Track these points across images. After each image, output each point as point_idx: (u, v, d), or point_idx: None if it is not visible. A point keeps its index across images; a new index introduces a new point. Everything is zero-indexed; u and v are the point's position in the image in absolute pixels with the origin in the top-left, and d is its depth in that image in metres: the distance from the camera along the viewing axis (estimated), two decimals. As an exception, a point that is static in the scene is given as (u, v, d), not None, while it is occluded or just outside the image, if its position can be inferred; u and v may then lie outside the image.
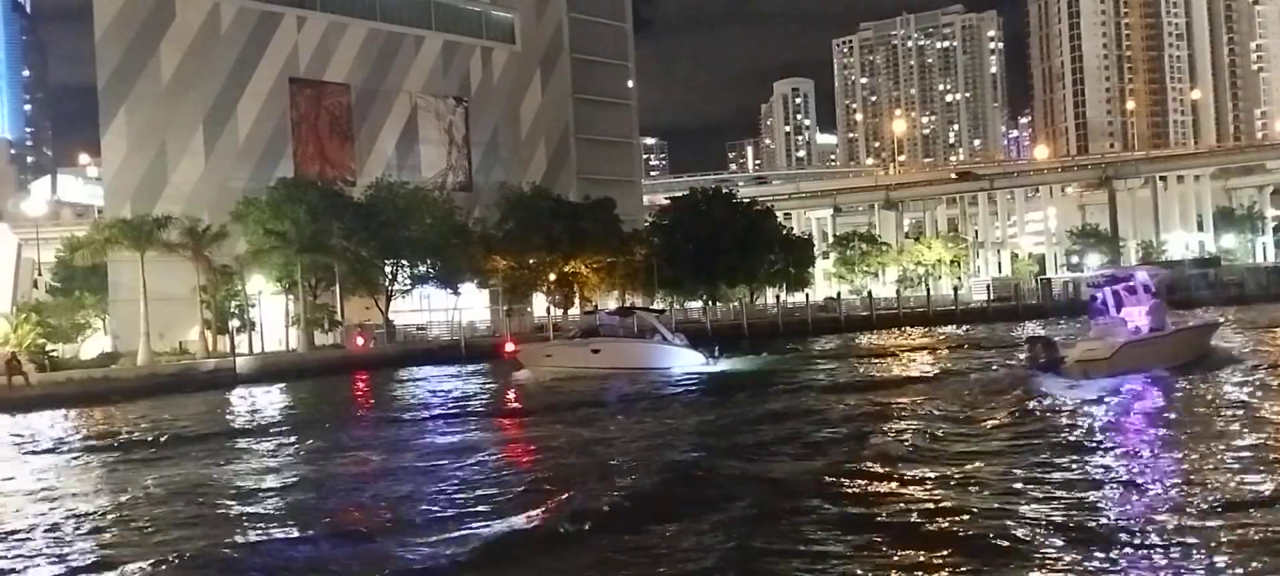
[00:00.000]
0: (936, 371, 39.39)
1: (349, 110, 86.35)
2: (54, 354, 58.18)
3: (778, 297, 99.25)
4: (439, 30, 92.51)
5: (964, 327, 78.64)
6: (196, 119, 77.23)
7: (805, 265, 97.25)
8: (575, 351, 46.67)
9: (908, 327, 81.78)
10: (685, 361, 45.29)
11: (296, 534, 15.94)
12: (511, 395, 39.45)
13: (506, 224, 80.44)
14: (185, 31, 77.18)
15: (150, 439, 29.71)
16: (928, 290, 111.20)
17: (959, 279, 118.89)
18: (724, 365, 45.57)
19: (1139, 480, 16.69)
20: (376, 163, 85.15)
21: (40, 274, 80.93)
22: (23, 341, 55.29)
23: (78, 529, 17.24)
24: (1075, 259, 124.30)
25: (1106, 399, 26.59)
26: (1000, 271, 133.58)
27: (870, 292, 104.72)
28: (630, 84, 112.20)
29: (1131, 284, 35.01)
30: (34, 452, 28.65)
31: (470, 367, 56.06)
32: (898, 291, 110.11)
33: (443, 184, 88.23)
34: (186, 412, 38.13)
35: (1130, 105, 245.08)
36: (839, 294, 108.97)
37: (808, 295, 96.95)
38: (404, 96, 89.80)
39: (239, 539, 15.72)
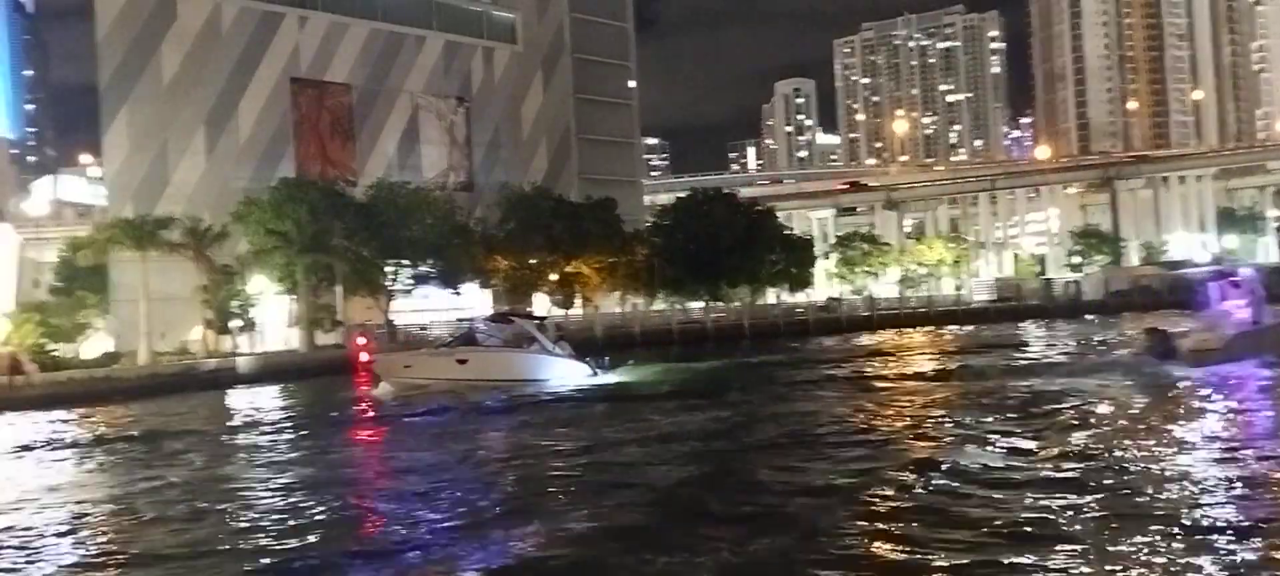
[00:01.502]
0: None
1: (350, 110, 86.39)
2: (55, 354, 58.18)
3: (779, 298, 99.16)
4: (440, 30, 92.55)
5: (968, 327, 78.60)
6: (198, 119, 77.26)
7: (806, 265, 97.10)
8: (438, 362, 42.56)
9: (909, 328, 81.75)
10: (566, 373, 41.39)
11: (291, 538, 15.94)
12: (360, 410, 36.52)
13: (508, 224, 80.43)
14: (187, 31, 77.23)
15: (147, 438, 29.76)
16: (929, 291, 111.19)
17: (961, 279, 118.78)
18: (615, 377, 42.26)
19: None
20: (378, 163, 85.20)
21: (42, 274, 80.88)
22: (24, 341, 55.31)
23: (75, 529, 17.25)
24: (1077, 259, 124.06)
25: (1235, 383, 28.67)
26: (1002, 272, 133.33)
27: (871, 293, 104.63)
28: (632, 84, 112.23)
29: (1236, 280, 37.73)
30: (34, 452, 28.69)
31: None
32: (899, 292, 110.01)
33: (444, 184, 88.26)
34: (186, 413, 38.17)
35: (1132, 106, 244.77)
36: (840, 294, 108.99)
37: (809, 295, 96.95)
38: (406, 96, 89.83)
39: (230, 542, 15.71)
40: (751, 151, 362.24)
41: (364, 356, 47.25)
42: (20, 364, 50.06)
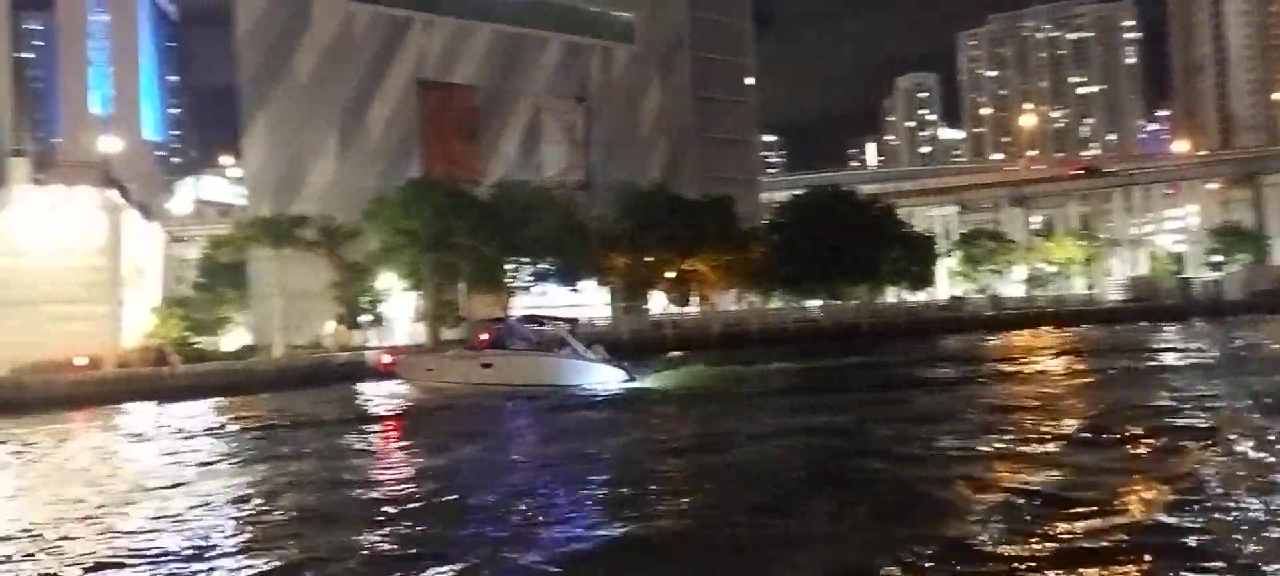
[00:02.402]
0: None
1: (474, 111, 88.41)
2: (198, 346, 61.21)
3: (899, 297, 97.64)
4: (560, 32, 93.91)
5: (1099, 328, 75.99)
6: (331, 121, 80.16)
7: (928, 263, 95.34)
8: (461, 365, 41.61)
9: (1037, 328, 79.48)
10: (599, 377, 39.95)
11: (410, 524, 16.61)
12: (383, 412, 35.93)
13: (625, 222, 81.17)
14: (321, 36, 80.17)
15: (282, 429, 31.20)
16: (1058, 290, 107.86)
17: (1092, 278, 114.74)
18: (651, 381, 40.89)
19: None
20: (500, 162, 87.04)
21: (186, 270, 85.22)
22: (169, 334, 58.38)
23: (207, 516, 18.31)
24: (1217, 257, 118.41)
25: None
26: (1136, 271, 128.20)
27: (996, 292, 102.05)
28: (750, 81, 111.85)
29: None
30: (178, 439, 30.40)
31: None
32: (1026, 291, 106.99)
33: (563, 183, 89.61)
34: (319, 404, 39.73)
35: (1277, 97, 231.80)
36: (964, 293, 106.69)
37: (931, 294, 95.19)
38: (527, 97, 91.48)
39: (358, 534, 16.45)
40: (871, 148, 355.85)
41: (386, 359, 45.72)
42: (166, 356, 52.91)
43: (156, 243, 77.29)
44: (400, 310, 72.25)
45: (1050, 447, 21.11)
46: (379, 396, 41.56)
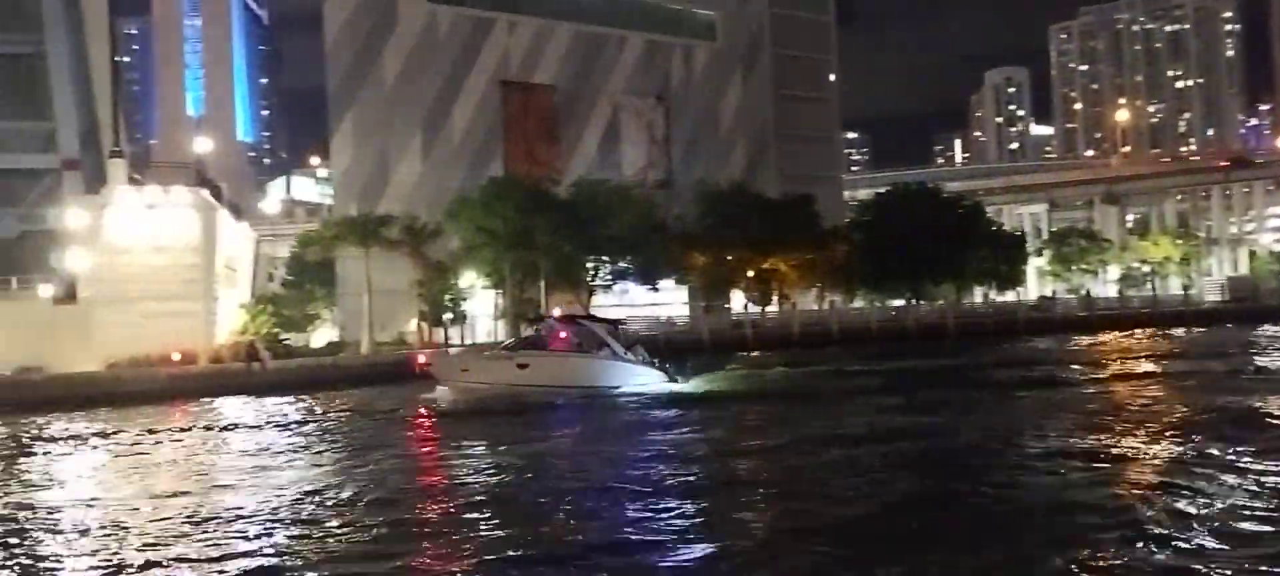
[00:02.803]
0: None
1: (555, 111, 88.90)
2: (287, 342, 62.47)
3: (986, 296, 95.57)
4: (641, 30, 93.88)
5: (1197, 330, 73.37)
6: (416, 121, 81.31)
7: (1017, 262, 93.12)
8: (497, 366, 40.99)
9: (1132, 330, 77.00)
10: (639, 379, 39.53)
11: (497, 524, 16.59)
12: (422, 414, 35.48)
13: (705, 220, 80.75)
14: (406, 38, 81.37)
15: (369, 424, 31.64)
16: (1154, 289, 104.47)
17: (1189, 278, 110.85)
18: (693, 385, 40.25)
19: None
20: (580, 161, 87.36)
21: (276, 268, 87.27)
22: (260, 331, 59.70)
23: (298, 503, 18.55)
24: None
25: None
26: (1235, 270, 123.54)
27: (1088, 292, 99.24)
28: (832, 78, 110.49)
29: None
30: (266, 431, 31.04)
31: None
32: (1120, 291, 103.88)
33: (643, 181, 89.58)
34: (404, 399, 40.20)
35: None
36: (1053, 293, 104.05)
37: (1020, 294, 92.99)
38: (607, 96, 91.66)
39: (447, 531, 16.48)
40: (958, 144, 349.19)
41: (422, 359, 44.78)
42: (257, 352, 54.11)
43: (247, 241, 79.15)
44: (482, 308, 72.98)
45: (1149, 457, 20.27)
46: (449, 397, 41.66)
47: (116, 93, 60.62)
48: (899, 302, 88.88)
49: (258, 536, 16.06)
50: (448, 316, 68.61)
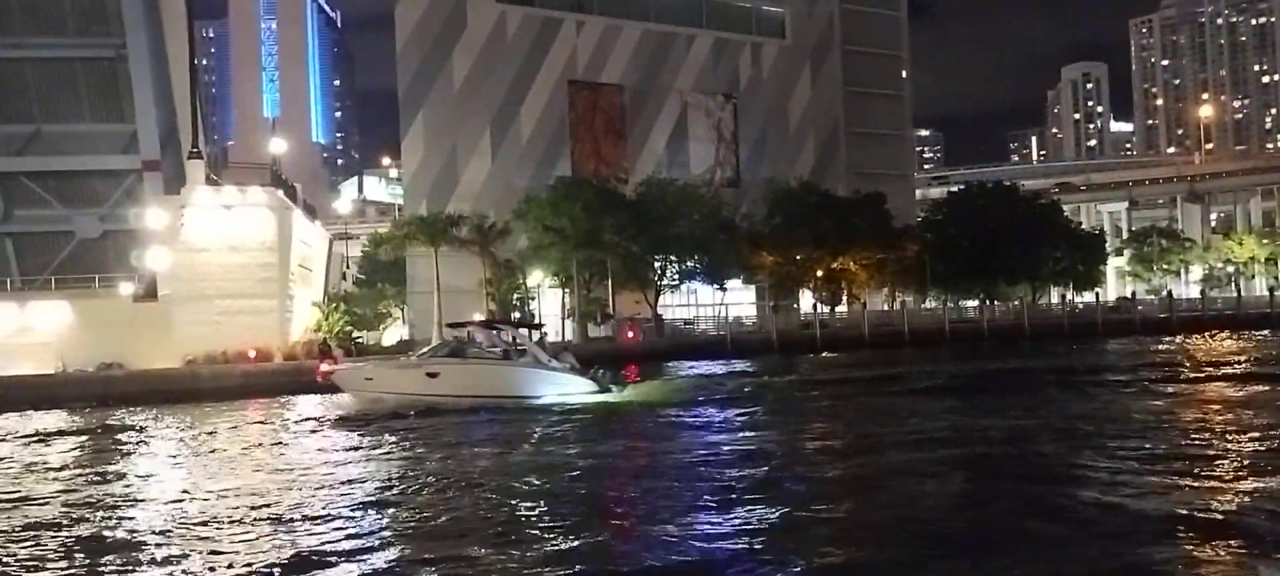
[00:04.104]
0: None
1: (623, 110, 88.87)
2: (359, 340, 63.34)
3: (1063, 297, 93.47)
4: (710, 28, 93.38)
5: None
6: (484, 121, 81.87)
7: (1095, 263, 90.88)
8: (405, 375, 38.00)
9: (1214, 332, 74.62)
10: (565, 388, 37.04)
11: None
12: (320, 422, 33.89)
13: (773, 219, 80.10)
14: (475, 39, 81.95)
15: (439, 422, 31.81)
16: (1238, 291, 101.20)
17: (1275, 279, 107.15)
18: (627, 394, 37.67)
19: None
20: (648, 160, 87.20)
21: (348, 267, 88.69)
22: (333, 328, 60.60)
23: (369, 504, 18.61)
24: None
25: None
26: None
27: (1169, 293, 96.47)
28: (904, 74, 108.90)
29: None
30: (337, 429, 31.37)
31: (737, 364, 56.24)
32: (1202, 292, 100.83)
33: (711, 180, 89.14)
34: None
35: None
36: (1133, 293, 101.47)
37: (1098, 295, 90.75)
38: (675, 95, 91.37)
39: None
40: (1034, 141, 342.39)
41: (324, 367, 40.82)
42: (329, 349, 54.88)
43: (321, 241, 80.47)
44: (550, 307, 73.26)
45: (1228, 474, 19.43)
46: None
47: (195, 95, 61.90)
48: (973, 304, 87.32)
49: (324, 531, 16.11)
50: (515, 315, 68.99)
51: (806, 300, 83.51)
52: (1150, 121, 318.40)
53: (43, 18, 56.46)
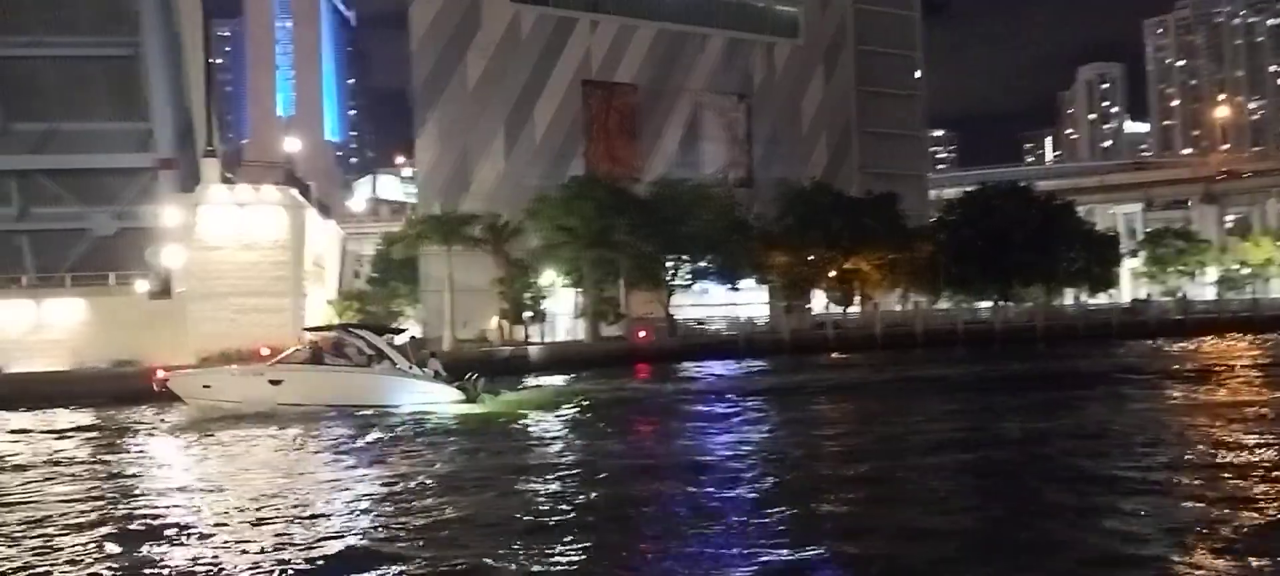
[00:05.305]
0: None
1: (636, 109, 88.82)
2: (371, 338, 63.46)
3: (1077, 298, 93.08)
4: (723, 28, 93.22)
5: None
6: (498, 121, 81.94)
7: (1110, 264, 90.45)
8: (244, 382, 36.40)
9: (1229, 334, 74.14)
10: (425, 396, 35.47)
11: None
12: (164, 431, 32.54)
13: (785, 219, 79.96)
14: (489, 38, 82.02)
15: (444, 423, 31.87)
16: (1254, 293, 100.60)
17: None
18: (494, 404, 36.17)
19: None
20: (660, 160, 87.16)
21: (361, 265, 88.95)
22: (346, 326, 60.76)
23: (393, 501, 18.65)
24: None
25: None
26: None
27: (1184, 294, 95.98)
28: (917, 74, 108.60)
29: None
30: (347, 425, 31.45)
31: (753, 364, 56.21)
32: (1218, 293, 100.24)
33: (724, 180, 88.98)
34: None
35: None
36: (1148, 295, 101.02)
37: (1112, 296, 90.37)
38: (688, 95, 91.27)
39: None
40: (1048, 142, 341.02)
41: (161, 374, 38.47)
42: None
43: (335, 239, 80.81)
44: (562, 306, 73.34)
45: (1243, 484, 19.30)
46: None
47: (210, 93, 62.19)
48: (986, 305, 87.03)
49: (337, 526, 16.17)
50: (528, 314, 69.14)
51: (820, 300, 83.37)
52: (1166, 122, 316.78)
53: (60, 17, 56.77)
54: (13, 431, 33.27)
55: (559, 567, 13.86)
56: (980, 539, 14.88)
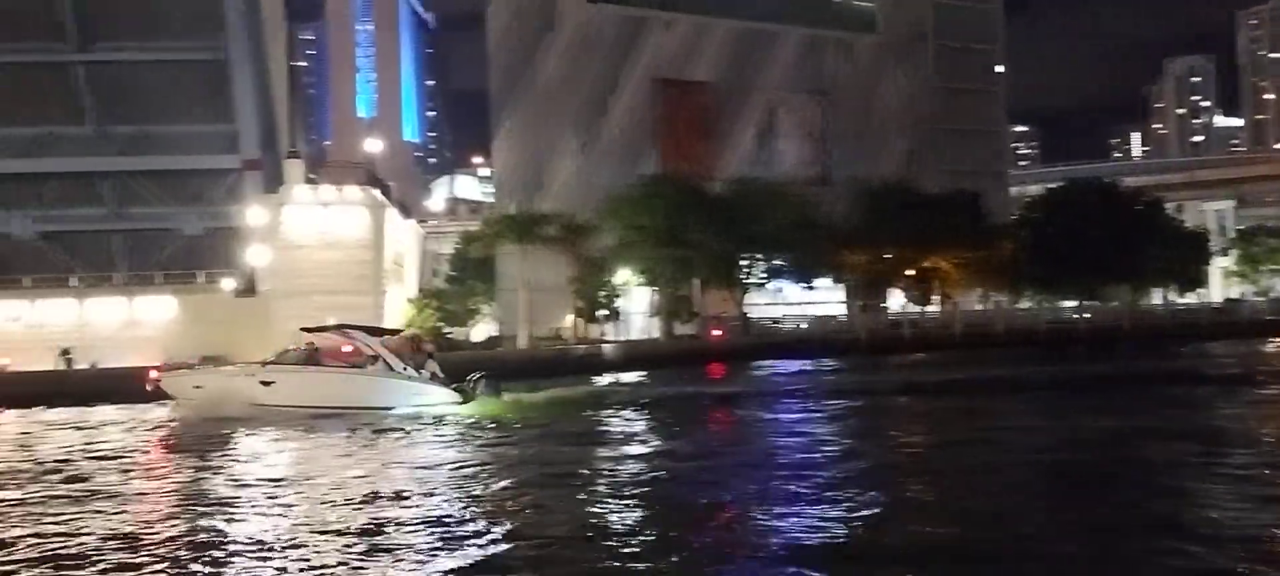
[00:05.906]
0: None
1: (710, 108, 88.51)
2: (449, 336, 64.39)
3: (1166, 298, 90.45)
4: (799, 24, 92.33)
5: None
6: (573, 120, 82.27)
7: (1199, 262, 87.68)
8: (236, 383, 35.47)
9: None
10: (421, 399, 34.75)
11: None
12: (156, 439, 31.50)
13: (862, 217, 78.91)
14: (565, 38, 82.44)
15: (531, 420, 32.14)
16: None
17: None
18: (495, 406, 34.92)
19: None
20: (735, 158, 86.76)
21: (439, 264, 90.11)
22: (424, 324, 61.71)
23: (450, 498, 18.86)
24: None
25: None
26: None
27: (1278, 294, 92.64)
28: (999, 69, 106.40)
29: None
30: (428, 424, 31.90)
31: (827, 363, 55.66)
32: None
33: (799, 178, 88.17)
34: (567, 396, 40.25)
35: None
36: (1240, 294, 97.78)
37: (1201, 296, 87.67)
38: (763, 93, 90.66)
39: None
40: (1135, 137, 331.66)
41: (154, 373, 37.87)
42: (420, 343, 55.87)
43: (414, 238, 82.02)
44: (636, 305, 73.47)
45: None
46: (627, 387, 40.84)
47: (293, 96, 63.77)
48: (1071, 304, 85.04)
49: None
50: (602, 313, 69.41)
51: (898, 299, 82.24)
52: (1259, 116, 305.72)
53: (150, 23, 58.59)
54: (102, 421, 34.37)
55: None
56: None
